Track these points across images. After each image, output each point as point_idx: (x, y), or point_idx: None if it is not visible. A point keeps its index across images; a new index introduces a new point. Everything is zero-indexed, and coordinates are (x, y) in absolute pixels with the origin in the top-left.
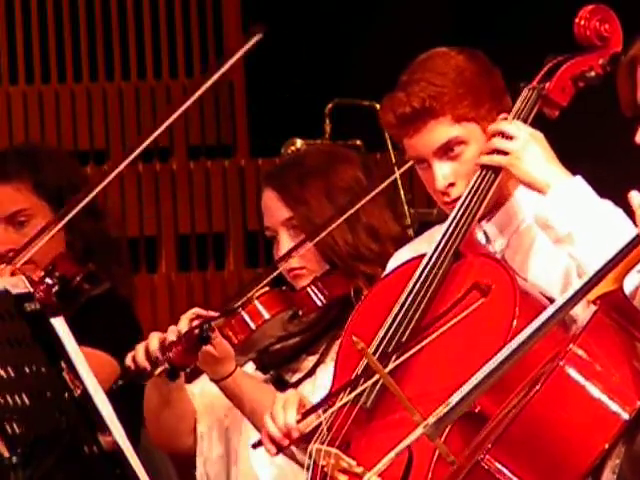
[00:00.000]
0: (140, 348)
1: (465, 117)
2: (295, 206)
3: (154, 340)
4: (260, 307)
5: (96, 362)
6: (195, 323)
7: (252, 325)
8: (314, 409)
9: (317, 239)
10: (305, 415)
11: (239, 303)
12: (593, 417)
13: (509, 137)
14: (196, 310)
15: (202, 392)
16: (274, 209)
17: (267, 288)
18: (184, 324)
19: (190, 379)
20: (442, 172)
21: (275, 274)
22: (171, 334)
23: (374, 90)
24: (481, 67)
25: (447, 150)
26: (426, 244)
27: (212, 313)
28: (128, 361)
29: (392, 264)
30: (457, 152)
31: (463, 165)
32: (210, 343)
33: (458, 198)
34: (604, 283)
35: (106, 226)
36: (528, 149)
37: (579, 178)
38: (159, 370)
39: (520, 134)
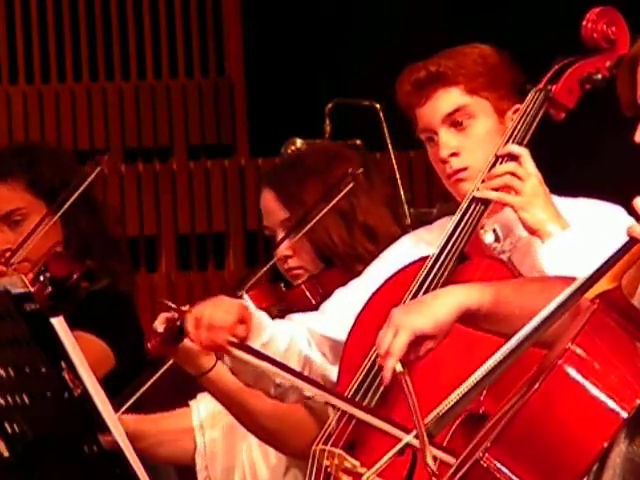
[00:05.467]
0: None
1: (478, 91)
2: (293, 206)
3: None
4: (248, 301)
5: (86, 346)
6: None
7: None
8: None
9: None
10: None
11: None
12: (592, 416)
13: (520, 177)
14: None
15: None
16: (272, 209)
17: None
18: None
19: None
20: (447, 140)
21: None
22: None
23: (374, 90)
24: (505, 59)
25: (455, 121)
26: (437, 233)
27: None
28: None
29: (395, 250)
30: (465, 125)
31: (469, 138)
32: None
33: (459, 171)
34: (603, 281)
35: (104, 222)
36: (537, 193)
37: (573, 231)
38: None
39: (531, 178)
